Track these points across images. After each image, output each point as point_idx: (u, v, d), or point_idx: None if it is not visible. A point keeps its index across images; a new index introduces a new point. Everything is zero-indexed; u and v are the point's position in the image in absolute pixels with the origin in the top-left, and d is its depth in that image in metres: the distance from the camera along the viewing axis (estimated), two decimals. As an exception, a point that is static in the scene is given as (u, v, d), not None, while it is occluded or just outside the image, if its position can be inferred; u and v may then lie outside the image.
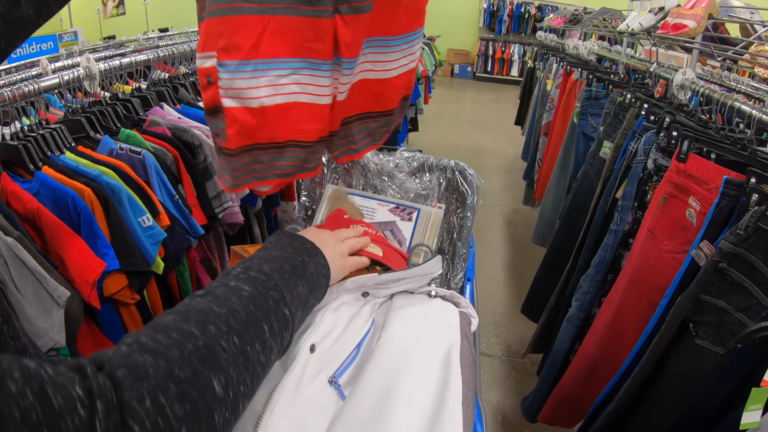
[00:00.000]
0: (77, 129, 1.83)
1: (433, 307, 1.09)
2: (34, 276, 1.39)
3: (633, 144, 2.05)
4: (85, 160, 1.68)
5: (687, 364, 1.51)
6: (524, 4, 12.91)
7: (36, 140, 1.67)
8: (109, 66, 1.93)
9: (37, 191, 1.58)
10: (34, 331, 1.42)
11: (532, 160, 4.60)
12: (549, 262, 2.80)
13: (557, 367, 2.26)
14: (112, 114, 1.92)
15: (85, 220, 1.54)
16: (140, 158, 1.73)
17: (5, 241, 1.36)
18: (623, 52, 3.53)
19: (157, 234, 1.66)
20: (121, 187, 1.60)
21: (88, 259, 1.50)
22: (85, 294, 1.50)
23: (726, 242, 1.38)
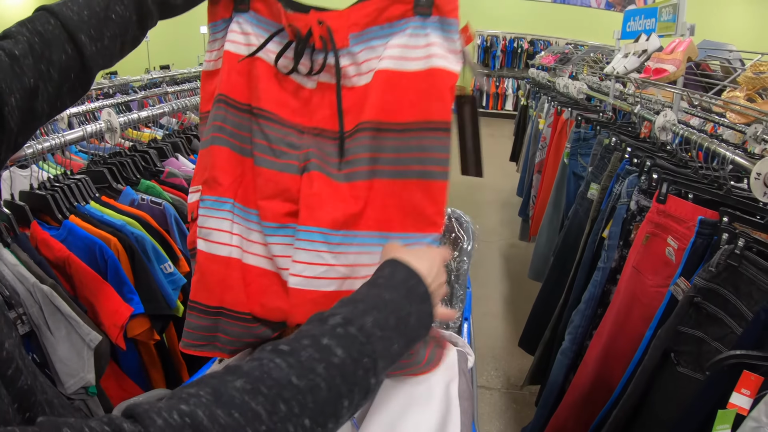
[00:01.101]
0: (100, 179, 1.95)
1: None
2: (68, 321, 1.49)
3: (617, 186, 2.17)
4: (109, 210, 1.79)
5: (670, 390, 1.60)
6: (516, 40, 13.06)
7: (62, 190, 1.78)
8: (129, 119, 2.06)
9: (65, 239, 1.68)
10: (67, 371, 1.51)
11: (526, 196, 4.68)
12: (544, 297, 2.90)
13: (553, 397, 2.33)
14: (131, 165, 2.04)
15: (111, 267, 1.64)
16: (161, 209, 1.85)
17: (41, 289, 1.46)
18: (611, 89, 3.63)
19: (178, 280, 1.76)
20: (145, 236, 1.71)
21: (117, 304, 1.60)
22: (113, 336, 1.59)
23: (700, 278, 1.50)
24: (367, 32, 1.10)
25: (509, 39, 13.08)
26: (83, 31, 0.85)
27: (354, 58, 1.11)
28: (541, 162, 4.22)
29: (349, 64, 1.11)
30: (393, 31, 1.09)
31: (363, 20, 1.10)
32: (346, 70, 1.11)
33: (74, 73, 0.86)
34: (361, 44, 1.11)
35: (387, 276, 0.85)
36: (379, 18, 1.09)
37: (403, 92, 1.06)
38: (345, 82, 1.12)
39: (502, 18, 12.92)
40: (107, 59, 0.92)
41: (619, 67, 2.96)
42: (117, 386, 1.76)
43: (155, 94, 4.08)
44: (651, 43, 2.82)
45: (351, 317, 0.73)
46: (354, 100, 1.11)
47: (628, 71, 2.87)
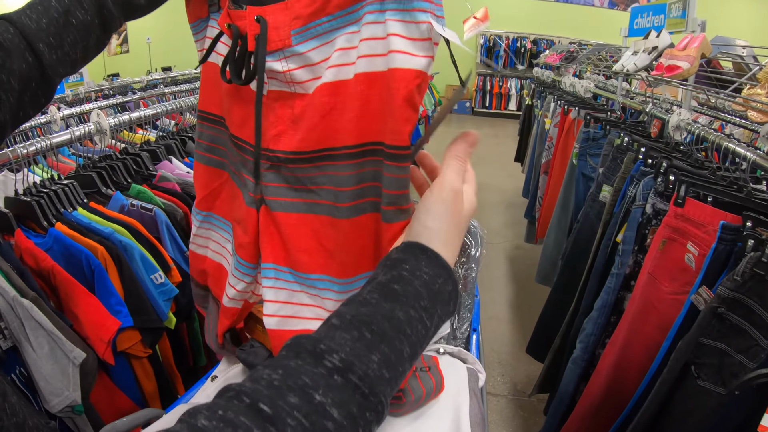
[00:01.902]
0: (88, 184, 1.88)
1: (442, 368, 1.11)
2: (51, 337, 1.42)
3: (631, 188, 2.08)
4: (97, 217, 1.72)
5: (690, 404, 1.53)
6: (520, 39, 13.04)
7: (48, 196, 1.71)
8: (119, 121, 1.99)
9: (50, 247, 1.62)
10: (51, 390, 1.44)
11: (532, 198, 4.62)
12: (553, 303, 2.82)
13: (564, 407, 2.26)
14: (122, 169, 1.96)
15: (99, 277, 1.57)
16: (151, 215, 1.77)
17: (21, 303, 1.39)
18: (619, 88, 3.56)
19: (170, 290, 1.69)
20: (134, 245, 1.64)
21: (103, 317, 1.53)
22: (100, 351, 1.53)
23: (724, 288, 1.41)
24: (313, 26, 0.87)
25: (512, 38, 13.03)
26: (41, 40, 0.81)
27: (304, 59, 0.89)
28: (548, 162, 4.16)
29: (298, 66, 0.90)
30: (349, 20, 0.85)
31: (306, 11, 0.86)
32: (292, 74, 0.90)
33: (35, 82, 0.83)
34: (309, 41, 0.88)
35: (407, 275, 0.67)
36: (327, 6, 0.85)
37: (365, 102, 0.84)
38: (295, 88, 0.92)
39: (505, 17, 12.87)
40: (68, 66, 0.87)
41: (629, 65, 2.87)
42: (108, 400, 1.69)
43: (152, 95, 4.01)
44: (662, 40, 2.74)
45: (353, 356, 0.58)
46: (308, 109, 0.91)
47: (638, 69, 2.78)
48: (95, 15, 0.88)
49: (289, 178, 0.96)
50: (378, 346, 0.60)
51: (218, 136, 1.10)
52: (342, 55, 0.86)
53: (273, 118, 0.94)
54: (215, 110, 1.09)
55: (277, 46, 0.89)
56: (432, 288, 0.67)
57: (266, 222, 1.00)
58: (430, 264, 0.69)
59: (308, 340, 0.59)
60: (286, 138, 0.94)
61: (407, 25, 0.77)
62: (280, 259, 1.00)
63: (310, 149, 0.91)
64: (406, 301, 0.64)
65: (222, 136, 1.09)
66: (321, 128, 0.89)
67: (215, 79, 1.03)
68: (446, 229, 0.73)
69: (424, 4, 0.76)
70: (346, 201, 0.89)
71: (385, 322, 0.62)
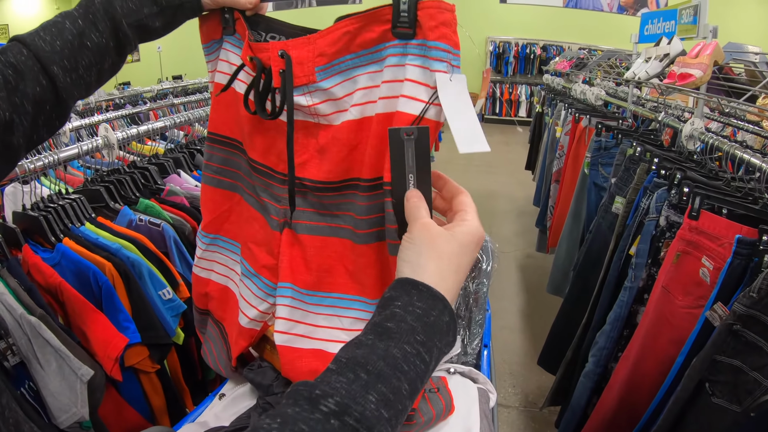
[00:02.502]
0: (96, 198, 1.87)
1: (452, 389, 1.09)
2: (58, 354, 1.41)
3: (645, 200, 2.05)
4: (105, 233, 1.71)
5: (704, 422, 1.50)
6: (529, 45, 13.01)
7: (56, 211, 1.71)
8: (128, 135, 1.98)
9: (58, 262, 1.61)
10: (59, 406, 1.43)
11: (543, 207, 4.58)
12: (564, 315, 2.79)
13: (575, 421, 2.23)
14: (130, 183, 1.96)
15: (106, 294, 1.56)
16: (159, 230, 1.76)
17: (29, 321, 1.38)
18: (630, 95, 3.53)
19: (178, 306, 1.68)
20: (142, 261, 1.63)
21: (110, 334, 1.52)
22: (108, 368, 1.52)
23: (739, 305, 1.38)
24: (336, 63, 0.91)
25: (521, 45, 13.01)
26: (56, 63, 0.81)
27: (327, 93, 0.93)
28: (559, 171, 4.12)
29: (322, 101, 0.94)
30: (371, 59, 0.89)
31: (330, 49, 0.90)
32: (317, 108, 0.94)
33: (49, 105, 0.83)
34: (332, 77, 0.92)
35: (399, 312, 0.67)
36: (350, 45, 0.89)
37: (381, 140, 0.88)
38: (320, 120, 0.96)
39: (514, 24, 12.87)
40: (83, 89, 0.88)
41: (641, 73, 2.84)
42: (117, 415, 1.68)
43: (162, 105, 4.02)
44: (673, 47, 2.71)
45: (349, 399, 0.57)
46: (334, 142, 0.95)
47: (650, 76, 2.75)
48: (110, 38, 0.88)
49: (315, 203, 1.00)
50: (374, 385, 0.59)
51: (231, 159, 1.11)
52: (366, 95, 0.90)
53: (298, 146, 0.98)
54: (229, 133, 1.10)
55: (302, 82, 0.92)
56: (426, 321, 0.66)
57: (289, 243, 1.02)
58: (422, 297, 0.68)
59: (305, 386, 0.58)
60: (312, 167, 0.98)
61: (424, 72, 0.82)
62: (300, 281, 1.03)
63: (337, 180, 0.96)
64: (400, 337, 0.64)
65: (235, 158, 1.11)
66: (348, 162, 0.94)
67: (230, 103, 1.04)
68: (435, 262, 0.72)
69: (443, 54, 0.81)
70: (364, 228, 0.93)
71: (380, 361, 0.61)
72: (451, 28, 0.81)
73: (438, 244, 0.72)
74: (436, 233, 0.73)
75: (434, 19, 0.80)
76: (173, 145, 2.49)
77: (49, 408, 1.44)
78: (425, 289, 0.69)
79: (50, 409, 1.44)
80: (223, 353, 1.23)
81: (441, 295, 0.69)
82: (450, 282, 0.71)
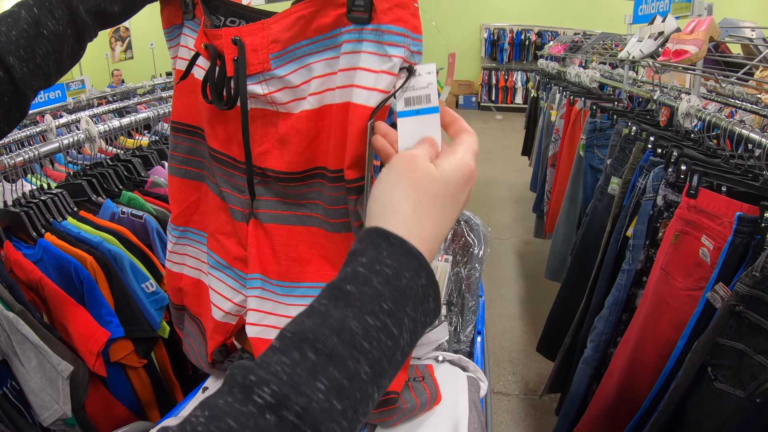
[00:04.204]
0: (79, 193, 1.83)
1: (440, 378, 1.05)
2: (38, 350, 1.38)
3: (641, 180, 2.01)
4: (86, 226, 1.67)
5: (707, 408, 1.47)
6: (524, 32, 12.98)
7: (38, 206, 1.67)
8: (108, 127, 1.94)
9: (40, 258, 1.58)
10: (41, 403, 1.40)
11: (540, 191, 4.56)
12: (562, 300, 2.75)
13: (575, 408, 2.20)
14: (113, 176, 1.92)
15: (88, 288, 1.53)
16: (142, 222, 1.72)
17: (7, 317, 1.35)
18: (625, 76, 3.50)
19: (162, 299, 1.64)
20: (123, 253, 1.59)
21: (92, 329, 1.48)
22: (90, 363, 1.49)
23: (742, 285, 1.34)
24: (291, 49, 0.85)
25: (516, 31, 12.98)
26: (11, 53, 0.78)
27: (283, 81, 0.87)
28: (555, 155, 4.09)
29: (278, 89, 0.88)
30: (327, 45, 0.84)
31: (284, 35, 0.84)
32: (273, 96, 0.88)
33: (7, 97, 0.80)
34: (288, 64, 0.86)
35: (363, 271, 0.55)
36: (305, 31, 0.83)
37: (341, 130, 0.83)
38: (279, 108, 0.90)
39: (509, 10, 12.83)
40: (41, 79, 0.84)
41: (635, 52, 2.80)
42: (105, 410, 1.65)
43: (150, 99, 3.98)
44: (668, 25, 2.66)
45: (290, 387, 0.46)
46: (294, 132, 0.90)
47: (644, 55, 2.71)
48: (68, 25, 0.84)
49: (279, 192, 0.95)
50: (324, 369, 0.48)
51: (195, 148, 1.07)
52: (324, 83, 0.85)
53: (257, 135, 0.93)
54: (192, 121, 1.05)
55: (256, 69, 0.87)
56: (396, 285, 0.54)
57: (256, 234, 0.98)
58: (393, 253, 0.56)
59: (240, 370, 0.48)
60: (273, 157, 0.93)
61: (379, 58, 0.76)
62: (269, 271, 0.98)
63: (300, 170, 0.91)
64: (361, 305, 0.52)
65: (200, 147, 1.06)
66: (310, 152, 0.89)
67: (191, 91, 1.00)
68: (413, 204, 0.60)
69: (399, 39, 0.75)
70: (336, 218, 0.89)
71: (333, 336, 0.50)
72: (409, 10, 0.75)
73: (420, 179, 0.61)
74: (421, 165, 0.62)
75: (388, 1, 0.74)
76: (158, 137, 2.44)
77: (32, 406, 1.41)
78: (397, 243, 0.56)
79: (33, 407, 1.41)
80: (202, 349, 1.19)
81: (417, 251, 0.57)
82: (429, 231, 0.60)
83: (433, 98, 0.72)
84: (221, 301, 1.06)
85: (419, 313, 0.56)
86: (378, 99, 0.75)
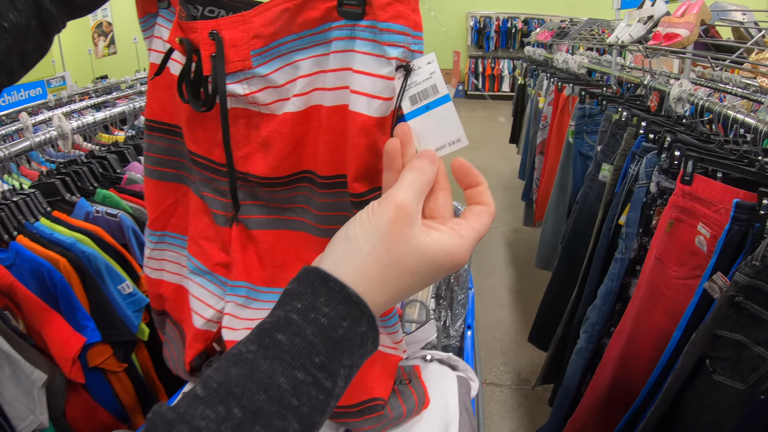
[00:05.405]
0: (52, 192, 1.77)
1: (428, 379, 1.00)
2: (10, 359, 1.33)
3: (633, 166, 1.97)
4: (60, 227, 1.61)
5: (705, 401, 1.43)
6: (510, 19, 12.92)
7: (9, 208, 1.61)
8: (82, 123, 1.87)
9: (13, 262, 1.52)
10: (16, 414, 1.36)
11: (529, 179, 4.52)
12: (554, 290, 2.72)
13: (569, 400, 2.17)
14: (88, 174, 1.86)
15: (62, 291, 1.48)
16: (117, 221, 1.66)
17: (-25, 324, 1.30)
18: (613, 62, 3.46)
19: (139, 300, 1.59)
20: (97, 254, 1.53)
21: (66, 334, 1.44)
22: (66, 370, 1.45)
23: (741, 274, 1.30)
24: (275, 45, 0.77)
25: (503, 19, 12.92)
26: None
27: (266, 80, 0.79)
28: (543, 142, 4.06)
29: (260, 89, 0.80)
30: (315, 41, 0.76)
31: (267, 30, 0.76)
32: (255, 96, 0.80)
33: None
34: (271, 62, 0.79)
35: (296, 319, 0.50)
36: (291, 25, 0.75)
37: (338, 136, 0.76)
38: (261, 109, 0.83)
39: (495, -2, 12.79)
40: (4, 75, 0.77)
41: (624, 36, 2.76)
42: (88, 416, 1.62)
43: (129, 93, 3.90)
44: (657, 9, 2.62)
45: None
46: (278, 136, 0.83)
47: (634, 39, 2.66)
48: (31, 16, 0.77)
49: (264, 197, 0.89)
50: (250, 427, 0.44)
51: (173, 147, 0.99)
52: (311, 82, 0.78)
53: (239, 137, 0.86)
54: (168, 119, 0.97)
55: (236, 67, 0.79)
56: (332, 335, 0.49)
57: (241, 240, 0.92)
58: (332, 300, 0.50)
59: (162, 420, 0.44)
60: (256, 161, 0.86)
61: (377, 60, 0.69)
62: (255, 277, 0.93)
63: (285, 175, 0.85)
64: (291, 359, 0.47)
65: (178, 147, 0.98)
66: (295, 156, 0.83)
67: (168, 86, 0.91)
68: (381, 267, 0.53)
69: (398, 38, 0.67)
70: (327, 224, 0.83)
71: (260, 393, 0.46)
72: (409, 5, 0.67)
73: (400, 248, 0.53)
74: (409, 231, 0.53)
75: None
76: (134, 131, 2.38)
77: (8, 417, 1.36)
78: (337, 289, 0.51)
79: (9, 417, 1.36)
80: (182, 356, 1.13)
81: (357, 297, 0.51)
82: (386, 297, 0.54)
83: (441, 87, 0.65)
84: (202, 308, 1.00)
85: (356, 357, 0.52)
86: (381, 107, 0.69)
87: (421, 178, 0.57)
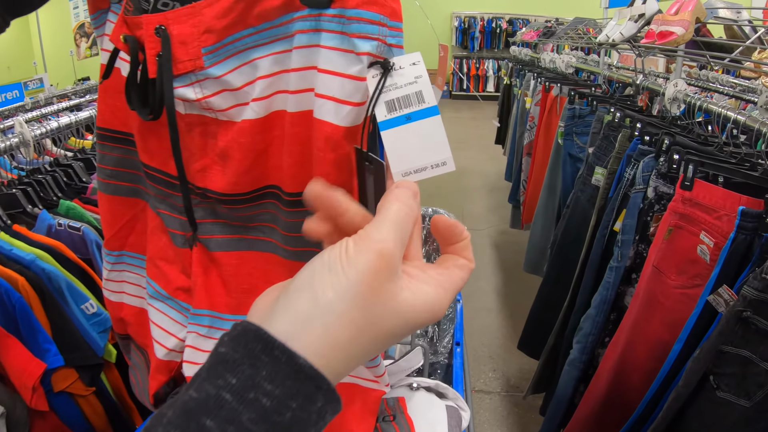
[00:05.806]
0: (13, 204, 1.66)
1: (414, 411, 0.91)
2: None
3: (629, 170, 1.89)
4: (20, 243, 1.51)
5: (708, 419, 1.36)
6: (495, 19, 12.90)
7: (-34, 222, 1.50)
8: (46, 129, 1.77)
9: None
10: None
11: (516, 181, 4.44)
12: (543, 296, 2.65)
13: (561, 412, 2.10)
14: (51, 183, 1.75)
15: (21, 313, 1.38)
16: (80, 235, 1.56)
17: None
18: (601, 62, 3.40)
19: (105, 320, 1.50)
20: (59, 272, 1.43)
21: (25, 361, 1.34)
22: (27, 398, 1.34)
23: (750, 288, 1.22)
24: (230, 41, 0.67)
25: (487, 19, 12.91)
26: None
27: (221, 83, 0.69)
28: (531, 144, 3.99)
29: (214, 93, 0.70)
30: (275, 36, 0.66)
31: (219, 23, 0.66)
32: (209, 101, 0.70)
33: None
34: (225, 61, 0.69)
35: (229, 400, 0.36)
36: (246, 17, 0.65)
37: (303, 147, 0.67)
38: (218, 115, 0.73)
39: (480, -2, 12.76)
40: None
41: (615, 35, 2.68)
42: None
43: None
44: (649, 6, 2.55)
45: None
46: (236, 146, 0.72)
47: (625, 38, 2.59)
48: None
49: (225, 215, 0.79)
50: None
51: (127, 158, 0.89)
52: (271, 84, 0.67)
53: (195, 148, 0.75)
54: (121, 127, 0.87)
55: (186, 68, 0.68)
56: (277, 421, 0.36)
57: (203, 263, 0.82)
58: (278, 374, 0.37)
59: None
60: (214, 174, 0.75)
61: (345, 56, 0.58)
62: (219, 304, 0.82)
63: (247, 191, 0.75)
64: None
65: (133, 157, 0.87)
66: (257, 169, 0.72)
67: (118, 90, 0.80)
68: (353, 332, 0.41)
69: (370, 28, 0.56)
70: (296, 246, 0.73)
71: None
72: None
73: (379, 309, 0.41)
74: (389, 287, 0.42)
75: None
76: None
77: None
78: (284, 359, 0.38)
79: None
80: (147, 384, 1.03)
81: (313, 371, 0.38)
82: (354, 364, 0.42)
83: (428, 95, 0.53)
84: (164, 337, 0.90)
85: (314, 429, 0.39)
86: (350, 114, 0.58)
87: (406, 216, 0.45)
